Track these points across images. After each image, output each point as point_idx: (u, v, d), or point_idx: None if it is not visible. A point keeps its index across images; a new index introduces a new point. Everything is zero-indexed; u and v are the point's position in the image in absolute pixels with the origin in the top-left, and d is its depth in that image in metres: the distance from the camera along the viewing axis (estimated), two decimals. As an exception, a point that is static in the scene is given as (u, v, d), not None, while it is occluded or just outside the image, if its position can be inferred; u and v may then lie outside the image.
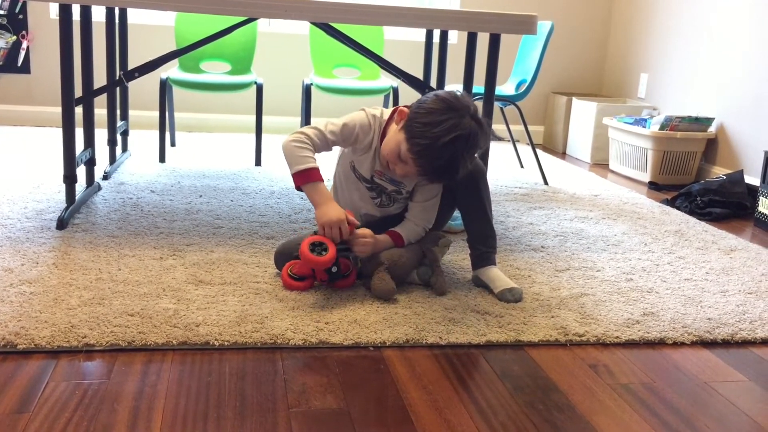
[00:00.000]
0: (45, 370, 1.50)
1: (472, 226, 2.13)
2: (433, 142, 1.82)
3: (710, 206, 3.23)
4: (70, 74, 2.48)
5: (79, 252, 2.18)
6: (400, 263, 2.01)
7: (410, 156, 1.88)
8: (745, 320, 1.96)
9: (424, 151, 1.85)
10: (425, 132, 1.84)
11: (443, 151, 1.83)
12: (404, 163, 1.92)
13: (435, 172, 1.90)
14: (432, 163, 1.86)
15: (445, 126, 1.82)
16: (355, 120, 2.03)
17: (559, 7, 4.87)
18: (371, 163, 2.06)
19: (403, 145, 1.89)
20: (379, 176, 2.08)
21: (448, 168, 1.87)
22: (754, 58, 3.63)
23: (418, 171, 1.91)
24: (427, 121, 1.85)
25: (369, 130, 2.03)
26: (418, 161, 1.87)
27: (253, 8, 2.34)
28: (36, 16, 4.35)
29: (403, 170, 1.94)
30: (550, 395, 1.53)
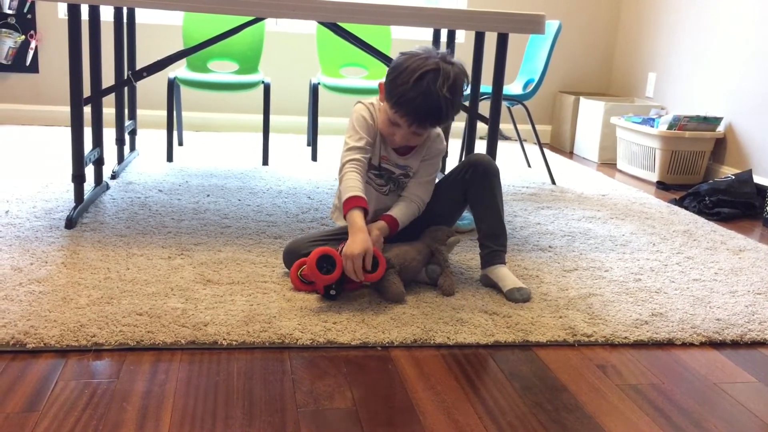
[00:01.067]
0: (54, 369, 1.51)
1: (484, 224, 2.13)
2: (405, 86, 1.88)
3: (719, 206, 3.22)
4: (78, 74, 2.49)
5: (87, 251, 2.19)
6: (410, 266, 2.01)
7: (395, 114, 1.93)
8: (754, 321, 1.96)
9: (401, 100, 1.90)
10: (397, 83, 1.91)
11: (415, 90, 1.87)
12: (397, 125, 1.96)
13: (420, 116, 1.92)
14: (413, 108, 1.90)
15: (410, 69, 1.89)
16: (359, 113, 2.05)
17: (566, 7, 4.86)
18: (378, 149, 2.09)
19: (388, 110, 1.95)
20: (385, 161, 2.10)
21: (430, 108, 1.90)
22: (763, 57, 3.61)
23: (407, 123, 1.94)
24: (395, 75, 1.92)
25: (372, 117, 2.06)
26: (402, 114, 1.92)
27: (260, 8, 2.34)
28: (44, 15, 4.36)
29: (401, 134, 1.98)
30: (559, 396, 1.53)
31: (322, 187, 3.22)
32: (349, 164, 1.98)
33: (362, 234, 1.87)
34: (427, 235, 2.11)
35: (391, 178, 2.13)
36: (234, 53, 3.97)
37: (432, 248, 2.08)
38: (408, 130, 1.96)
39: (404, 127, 1.96)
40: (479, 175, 2.08)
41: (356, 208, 1.91)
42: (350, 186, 1.94)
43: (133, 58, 3.50)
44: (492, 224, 2.11)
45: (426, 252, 2.07)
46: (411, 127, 1.95)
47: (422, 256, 2.05)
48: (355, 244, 1.85)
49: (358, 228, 1.88)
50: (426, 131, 2.02)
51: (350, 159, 1.99)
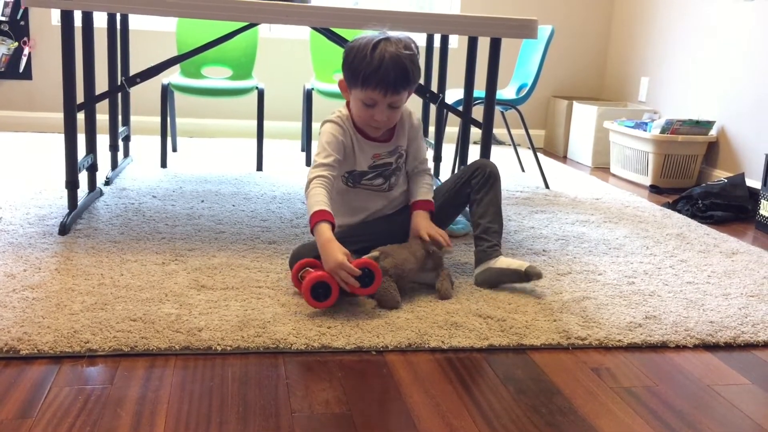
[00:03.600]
0: (48, 376, 1.50)
1: (485, 219, 2.16)
2: (365, 60, 1.94)
3: (711, 209, 3.23)
4: (71, 80, 2.49)
5: (81, 257, 2.18)
6: (406, 272, 1.99)
7: (367, 91, 1.97)
8: (747, 323, 1.96)
9: (367, 73, 1.94)
10: (356, 64, 1.96)
11: (376, 59, 1.93)
12: (373, 104, 1.99)
13: (390, 80, 1.95)
14: (381, 75, 1.94)
15: (362, 46, 1.97)
16: (328, 132, 2.05)
17: (559, 12, 4.88)
18: (365, 153, 2.11)
19: (358, 94, 1.99)
20: (378, 158, 2.12)
21: (397, 69, 1.94)
22: (755, 60, 3.63)
23: (382, 93, 1.96)
24: (351, 58, 1.98)
25: (344, 130, 2.07)
26: (373, 86, 1.95)
27: (254, 14, 2.35)
28: (37, 22, 4.36)
29: (380, 112, 2.00)
30: (553, 399, 1.53)
31: (317, 193, 3.22)
32: (315, 180, 1.96)
33: (333, 243, 1.86)
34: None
35: (388, 171, 2.15)
36: (228, 59, 3.98)
37: (428, 250, 2.08)
38: (384, 101, 1.99)
39: (380, 100, 1.98)
40: (486, 176, 2.17)
41: (322, 221, 1.88)
42: (315, 201, 1.92)
43: (127, 65, 3.50)
44: (494, 220, 2.16)
45: (422, 254, 2.06)
46: (386, 96, 1.97)
47: (418, 258, 2.04)
48: (333, 253, 1.83)
49: (326, 239, 1.86)
50: (401, 98, 2.03)
51: (316, 176, 1.97)
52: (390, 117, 2.05)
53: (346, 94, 2.07)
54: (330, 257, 1.83)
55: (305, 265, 1.96)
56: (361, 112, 2.03)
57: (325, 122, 2.09)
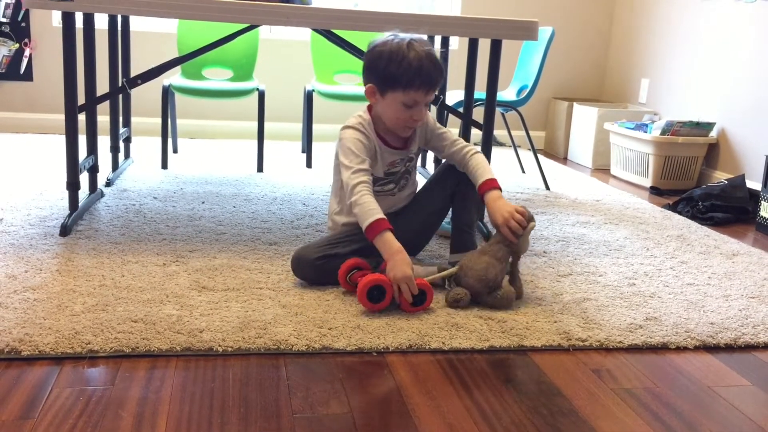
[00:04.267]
0: (49, 377, 1.50)
1: (467, 212, 2.21)
2: (405, 62, 1.98)
3: (712, 211, 3.23)
4: (72, 82, 2.49)
5: (82, 258, 2.18)
6: (492, 279, 1.96)
7: (411, 93, 2.01)
8: (748, 324, 1.97)
9: (411, 76, 1.98)
10: (394, 68, 1.99)
11: (415, 60, 1.98)
12: (414, 104, 2.03)
13: (431, 77, 2.02)
14: (424, 75, 2.00)
15: (394, 50, 2.00)
16: (353, 137, 2.06)
17: (559, 13, 4.88)
18: (382, 160, 2.13)
19: (398, 97, 2.02)
20: (392, 166, 2.16)
21: (433, 67, 2.02)
22: (755, 62, 3.64)
23: (425, 92, 2.02)
24: (386, 63, 2.00)
25: (367, 137, 2.09)
26: (417, 86, 2.00)
27: (254, 15, 2.35)
28: (38, 23, 4.36)
29: (419, 110, 2.05)
30: (554, 400, 1.53)
31: (317, 194, 3.23)
32: (360, 186, 1.97)
33: (402, 254, 1.91)
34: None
35: (398, 176, 2.19)
36: (228, 60, 3.98)
37: (511, 243, 2.00)
38: (424, 100, 2.05)
39: (421, 100, 2.03)
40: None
41: (385, 231, 1.92)
42: (371, 209, 1.94)
43: (128, 66, 3.50)
44: (474, 215, 2.24)
45: (504, 252, 2.00)
46: (428, 94, 2.04)
47: (501, 259, 2.00)
48: (401, 266, 1.88)
49: (396, 250, 1.91)
50: (433, 94, 2.09)
51: (360, 181, 1.98)
52: (424, 115, 2.12)
53: (374, 99, 2.07)
54: (398, 269, 1.87)
55: (353, 266, 2.00)
56: (400, 114, 2.05)
57: (348, 128, 2.10)
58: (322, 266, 2.04)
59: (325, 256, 2.04)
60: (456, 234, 2.23)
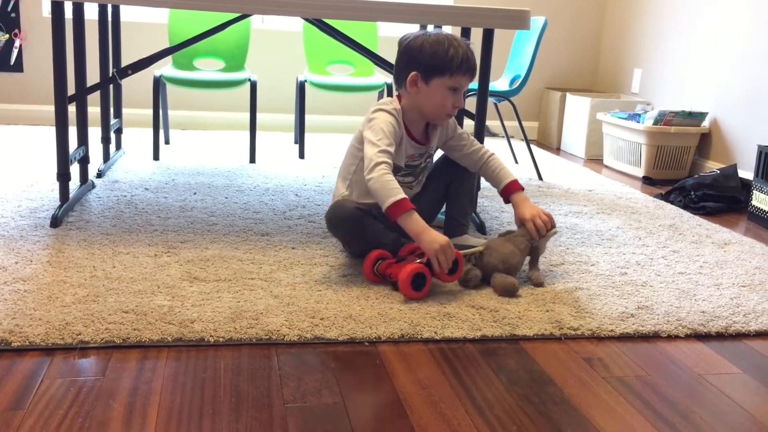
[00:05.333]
0: (40, 368, 1.50)
1: (459, 202, 2.34)
2: (450, 52, 2.09)
3: (704, 200, 3.24)
4: (63, 72, 2.47)
5: (73, 250, 2.17)
6: (512, 266, 2.07)
7: (457, 78, 2.10)
8: (738, 313, 1.97)
9: (456, 63, 2.09)
10: (440, 57, 2.09)
11: (456, 49, 2.10)
12: (456, 88, 2.12)
13: (472, 63, 2.14)
14: (467, 61, 2.11)
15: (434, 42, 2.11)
16: (387, 120, 2.11)
17: (552, 3, 4.87)
18: (404, 151, 2.19)
19: (445, 82, 2.10)
20: (412, 159, 2.22)
21: (472, 55, 2.14)
22: (747, 52, 3.64)
23: (469, 78, 2.13)
24: (431, 53, 2.10)
25: (398, 123, 2.14)
26: (463, 72, 2.11)
27: (246, 4, 2.33)
28: (28, 14, 4.33)
29: (460, 97, 2.15)
30: (545, 389, 1.54)
31: (310, 185, 3.22)
32: (384, 166, 1.99)
33: (433, 232, 1.95)
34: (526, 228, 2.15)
35: (417, 171, 2.26)
36: (220, 51, 3.96)
37: (533, 242, 2.13)
38: (466, 86, 2.16)
39: (465, 84, 2.14)
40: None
41: (411, 210, 1.96)
42: (394, 188, 1.97)
43: (119, 57, 3.48)
44: (467, 203, 2.37)
45: (526, 246, 2.12)
46: (470, 80, 2.16)
47: (523, 251, 2.11)
48: (436, 236, 1.94)
49: (423, 227, 1.95)
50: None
51: (384, 161, 2.00)
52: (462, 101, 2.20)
53: (416, 88, 2.12)
54: (435, 240, 1.92)
55: (377, 258, 2.03)
56: (445, 99, 2.12)
57: (381, 110, 2.13)
58: (361, 218, 2.08)
59: (362, 210, 2.10)
60: (449, 222, 2.34)
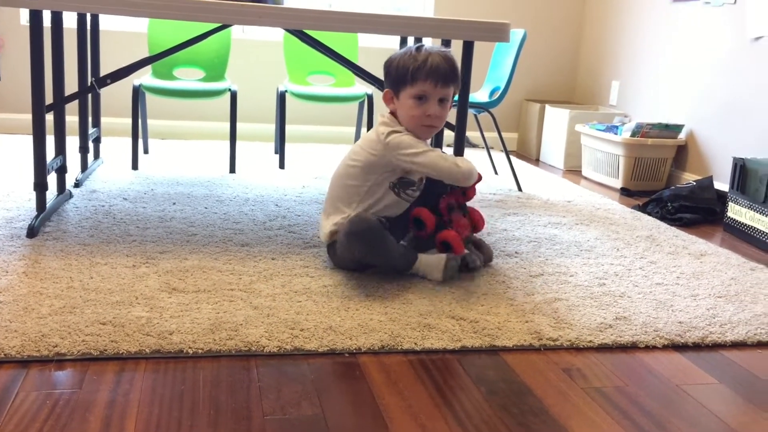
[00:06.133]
0: (15, 380, 1.48)
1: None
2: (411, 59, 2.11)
3: (681, 212, 3.28)
4: (40, 81, 2.45)
5: (49, 260, 2.15)
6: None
7: (417, 85, 2.10)
8: (715, 323, 1.99)
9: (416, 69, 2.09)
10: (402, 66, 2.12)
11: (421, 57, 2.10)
12: (423, 97, 2.12)
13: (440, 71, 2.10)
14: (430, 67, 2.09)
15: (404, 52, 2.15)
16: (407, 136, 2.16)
17: (531, 16, 4.92)
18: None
19: (409, 92, 2.12)
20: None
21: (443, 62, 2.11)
22: (724, 65, 3.69)
23: (433, 83, 2.10)
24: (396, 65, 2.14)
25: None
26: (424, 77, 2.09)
27: (226, 15, 2.33)
28: (6, 21, 4.29)
29: (432, 104, 2.13)
30: (525, 399, 1.54)
31: (290, 195, 3.21)
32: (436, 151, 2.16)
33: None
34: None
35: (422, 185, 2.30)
36: (200, 60, 3.95)
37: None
38: (435, 94, 2.11)
39: (431, 92, 2.11)
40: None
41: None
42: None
43: (97, 65, 3.46)
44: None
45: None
46: (437, 87, 2.10)
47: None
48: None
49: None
50: (449, 92, 2.16)
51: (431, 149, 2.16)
52: (440, 113, 2.16)
53: (393, 105, 2.18)
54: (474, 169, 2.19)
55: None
56: (414, 110, 2.13)
57: (394, 132, 2.15)
58: (383, 230, 2.11)
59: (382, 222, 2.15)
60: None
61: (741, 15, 3.57)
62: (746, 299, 2.21)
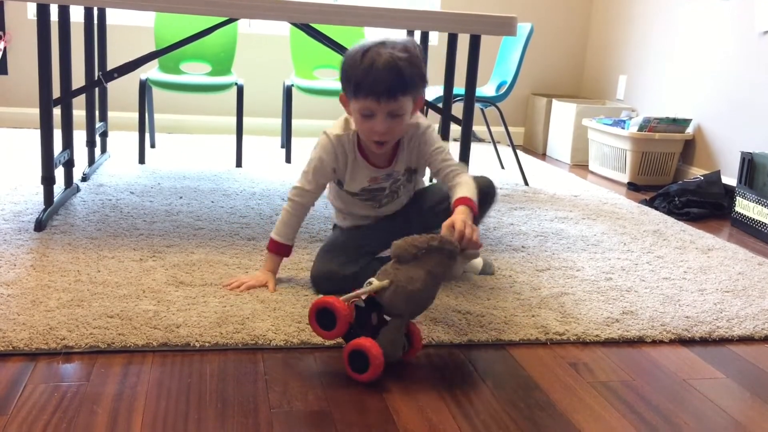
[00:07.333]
0: (23, 373, 1.48)
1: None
2: (356, 66, 1.77)
3: (688, 206, 3.27)
4: (48, 75, 2.45)
5: (57, 254, 2.16)
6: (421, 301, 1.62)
7: (361, 100, 1.79)
8: (722, 318, 1.99)
9: (359, 80, 1.77)
10: (349, 72, 1.81)
11: (366, 62, 1.75)
12: (370, 115, 1.80)
13: (382, 84, 1.74)
14: (372, 79, 1.75)
15: (354, 52, 1.81)
16: (319, 154, 1.97)
17: (538, 10, 4.90)
18: (359, 176, 1.98)
19: (355, 106, 1.83)
20: (373, 182, 2.00)
21: (389, 72, 1.74)
22: (731, 59, 3.67)
23: (376, 100, 1.76)
24: (345, 67, 1.83)
25: (336, 152, 1.95)
26: (366, 92, 1.77)
27: (233, 8, 2.33)
28: (13, 16, 4.30)
29: (379, 121, 1.80)
30: (531, 394, 1.54)
31: (296, 189, 3.21)
32: (290, 203, 2.03)
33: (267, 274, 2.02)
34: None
35: (381, 196, 2.04)
36: (207, 55, 3.95)
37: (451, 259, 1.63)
38: (381, 110, 1.78)
39: (376, 109, 1.78)
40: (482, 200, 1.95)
41: (275, 254, 2.03)
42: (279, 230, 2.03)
43: (104, 60, 3.46)
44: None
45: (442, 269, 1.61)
46: (381, 104, 1.76)
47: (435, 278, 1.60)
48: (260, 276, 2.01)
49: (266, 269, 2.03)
50: (401, 105, 1.79)
51: (292, 199, 2.03)
52: (392, 128, 1.83)
53: (348, 108, 1.90)
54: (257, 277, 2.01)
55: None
56: (361, 124, 1.86)
57: (324, 134, 1.96)
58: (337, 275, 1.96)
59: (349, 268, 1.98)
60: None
61: (749, 9, 3.55)
62: (754, 294, 2.20)
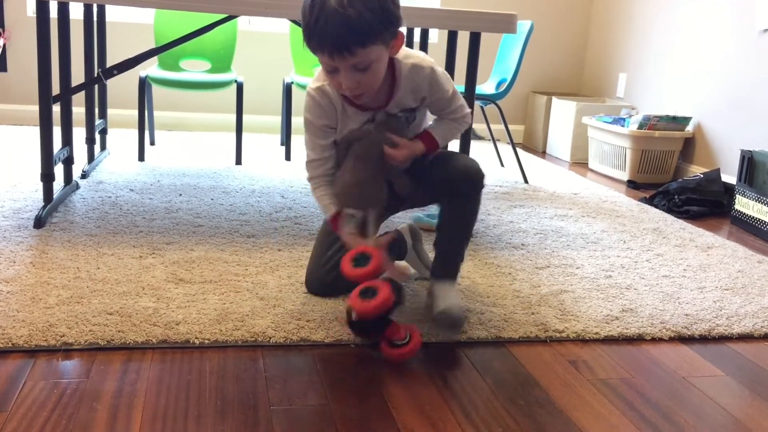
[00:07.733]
0: (22, 370, 1.48)
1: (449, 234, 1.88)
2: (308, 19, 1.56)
3: (688, 204, 3.27)
4: (47, 72, 2.45)
5: (57, 251, 2.16)
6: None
7: (317, 55, 1.61)
8: (722, 316, 1.99)
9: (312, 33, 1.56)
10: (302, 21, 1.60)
11: (314, 16, 1.54)
12: (334, 70, 1.61)
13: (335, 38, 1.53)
14: (320, 35, 1.54)
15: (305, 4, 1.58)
16: (306, 117, 1.82)
17: (538, 7, 4.90)
18: (348, 122, 1.80)
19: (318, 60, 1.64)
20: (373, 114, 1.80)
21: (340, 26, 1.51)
22: (731, 57, 3.67)
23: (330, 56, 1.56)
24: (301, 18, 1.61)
25: (322, 103, 1.78)
26: (320, 46, 1.57)
27: (233, 6, 2.33)
28: (13, 13, 4.30)
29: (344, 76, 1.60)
30: (531, 391, 1.54)
31: (296, 186, 3.21)
32: (311, 183, 1.85)
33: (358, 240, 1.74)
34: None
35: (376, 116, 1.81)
36: (206, 52, 3.95)
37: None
38: (343, 64, 1.57)
39: (337, 64, 1.58)
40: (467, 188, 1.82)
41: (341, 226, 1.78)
42: (325, 204, 1.83)
43: (104, 57, 3.46)
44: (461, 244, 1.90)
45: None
46: (335, 59, 1.56)
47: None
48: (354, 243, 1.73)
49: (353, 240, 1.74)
50: (363, 56, 1.56)
51: (310, 178, 1.85)
52: (362, 81, 1.61)
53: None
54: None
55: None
56: (330, 80, 1.67)
57: (306, 93, 1.80)
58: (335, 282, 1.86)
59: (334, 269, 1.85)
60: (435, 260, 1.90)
61: (749, 7, 3.55)
62: (753, 292, 2.21)
